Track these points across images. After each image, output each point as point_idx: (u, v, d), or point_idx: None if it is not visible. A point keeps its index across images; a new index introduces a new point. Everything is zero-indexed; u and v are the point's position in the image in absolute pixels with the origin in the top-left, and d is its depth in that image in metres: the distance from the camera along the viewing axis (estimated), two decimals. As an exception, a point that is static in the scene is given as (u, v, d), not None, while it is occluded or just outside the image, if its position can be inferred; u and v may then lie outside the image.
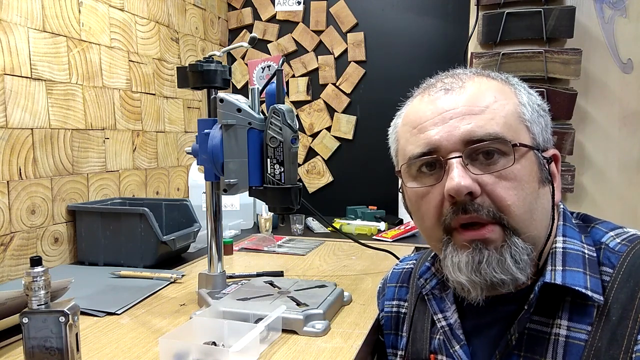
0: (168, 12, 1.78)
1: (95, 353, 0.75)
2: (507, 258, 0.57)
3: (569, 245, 0.61)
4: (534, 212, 0.59)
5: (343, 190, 2.12)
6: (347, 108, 2.08)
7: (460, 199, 0.57)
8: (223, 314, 0.83)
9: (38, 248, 1.24)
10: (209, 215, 1.00)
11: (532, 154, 0.60)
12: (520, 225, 0.58)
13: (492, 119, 0.59)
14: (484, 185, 0.57)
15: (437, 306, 0.71)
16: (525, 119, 0.61)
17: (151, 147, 1.69)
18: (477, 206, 0.57)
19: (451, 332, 0.68)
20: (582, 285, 0.57)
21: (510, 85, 0.64)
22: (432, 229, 0.63)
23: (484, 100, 0.60)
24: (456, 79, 0.63)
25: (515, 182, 0.57)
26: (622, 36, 1.48)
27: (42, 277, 0.61)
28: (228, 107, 0.86)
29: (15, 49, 1.18)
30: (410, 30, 1.98)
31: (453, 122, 0.59)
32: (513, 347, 0.61)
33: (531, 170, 0.59)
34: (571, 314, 0.58)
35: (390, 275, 0.86)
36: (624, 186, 1.51)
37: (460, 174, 0.57)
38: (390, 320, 0.82)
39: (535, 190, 0.59)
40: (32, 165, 1.22)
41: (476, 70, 0.66)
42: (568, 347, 0.57)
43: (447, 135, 0.59)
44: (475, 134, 0.58)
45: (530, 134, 0.60)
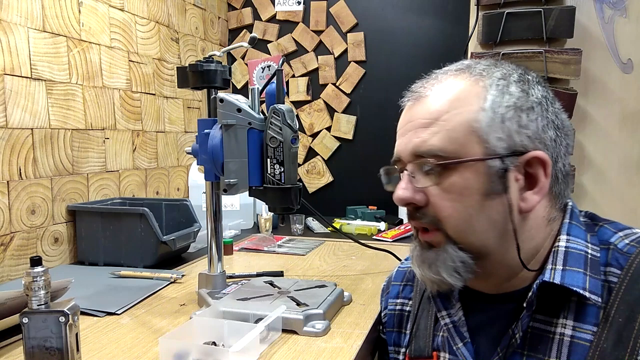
0: (168, 12, 1.78)
1: (95, 353, 0.75)
2: (438, 262, 0.62)
3: (572, 245, 0.61)
4: (473, 223, 0.60)
5: (343, 190, 2.12)
6: (347, 108, 2.08)
7: (406, 208, 0.64)
8: (223, 314, 0.83)
9: (38, 248, 1.24)
10: (209, 215, 1.00)
11: (480, 165, 0.59)
12: (456, 235, 0.61)
13: (437, 132, 0.60)
14: (429, 196, 0.62)
15: (441, 304, 0.71)
16: (479, 127, 0.59)
17: (151, 147, 1.69)
18: (420, 215, 0.63)
19: (455, 330, 0.68)
20: (580, 285, 0.57)
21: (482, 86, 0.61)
22: None
23: (437, 110, 0.61)
24: (427, 85, 0.65)
25: (452, 194, 0.60)
26: (622, 36, 1.48)
27: (42, 277, 0.61)
28: (228, 107, 0.86)
29: (15, 49, 1.18)
30: (410, 30, 1.98)
31: (409, 135, 0.63)
32: (517, 345, 0.61)
33: (474, 182, 0.59)
34: (577, 314, 0.58)
35: (395, 274, 0.87)
36: (624, 186, 1.51)
37: (403, 186, 0.63)
38: (393, 317, 0.82)
39: (476, 203, 0.59)
40: (32, 165, 1.22)
41: (456, 67, 0.65)
42: (573, 347, 0.57)
43: (403, 148, 0.64)
44: (419, 148, 0.62)
45: (482, 143, 0.59)
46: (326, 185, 2.14)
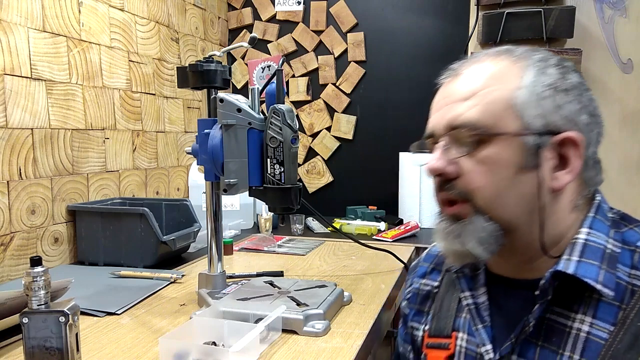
0: (168, 12, 1.78)
1: (95, 353, 0.75)
2: (466, 233, 0.62)
3: (591, 238, 0.61)
4: (503, 197, 0.61)
5: (343, 190, 2.12)
6: (347, 108, 2.08)
7: (435, 179, 0.64)
8: (223, 314, 0.83)
9: (38, 248, 1.24)
10: (209, 215, 1.00)
11: (516, 140, 0.60)
12: (487, 206, 0.61)
13: (475, 105, 0.62)
14: (461, 169, 0.62)
15: (465, 284, 0.72)
16: (517, 103, 0.61)
17: (151, 147, 1.69)
18: (449, 186, 0.63)
19: (477, 311, 0.69)
20: (593, 278, 0.57)
21: (521, 66, 0.63)
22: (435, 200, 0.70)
23: (473, 86, 0.63)
24: (468, 63, 0.67)
25: (487, 166, 0.61)
26: (622, 36, 1.48)
27: (42, 277, 0.61)
28: (228, 107, 0.86)
29: (15, 49, 1.18)
30: (410, 30, 1.98)
31: (445, 109, 0.64)
32: (531, 334, 0.62)
33: (509, 156, 0.60)
34: (595, 311, 0.59)
35: (425, 256, 0.87)
36: (624, 186, 1.51)
37: (437, 157, 0.63)
38: (417, 296, 0.82)
39: (509, 177, 0.61)
40: (32, 165, 1.22)
41: (495, 50, 0.68)
42: (588, 343, 0.58)
43: (439, 121, 0.65)
44: (455, 121, 0.62)
45: (519, 119, 0.60)
46: (326, 185, 2.14)
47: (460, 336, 0.70)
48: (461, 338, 0.70)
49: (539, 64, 0.64)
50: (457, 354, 0.70)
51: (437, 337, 0.74)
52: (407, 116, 1.97)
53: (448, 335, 0.72)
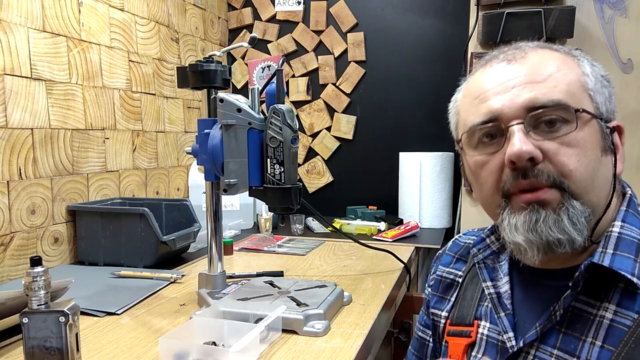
0: (168, 12, 1.78)
1: (95, 353, 0.75)
2: (563, 218, 0.58)
3: (625, 231, 0.61)
4: (595, 179, 0.59)
5: (343, 190, 2.12)
6: (347, 108, 2.08)
7: (522, 164, 0.58)
8: (223, 314, 0.83)
9: (38, 248, 1.24)
10: (209, 215, 1.00)
11: (595, 122, 0.60)
12: (581, 190, 0.58)
13: (555, 86, 0.59)
14: (545, 152, 0.58)
15: (487, 274, 0.71)
16: (589, 87, 0.61)
17: (151, 147, 1.69)
18: (537, 172, 0.58)
19: (499, 300, 0.69)
20: (629, 271, 0.57)
21: (573, 57, 0.64)
22: (491, 196, 0.64)
23: (547, 69, 0.61)
24: (519, 50, 0.65)
25: (578, 148, 0.58)
26: (622, 36, 1.48)
27: (42, 277, 0.61)
28: (228, 107, 0.86)
29: (15, 49, 1.18)
30: (410, 30, 1.98)
31: (515, 91, 0.60)
32: (555, 322, 0.61)
33: (594, 137, 0.60)
34: (621, 299, 0.58)
35: (451, 245, 0.86)
36: (624, 186, 1.50)
37: (522, 139, 0.58)
38: (439, 283, 0.82)
39: (597, 158, 0.60)
40: (32, 165, 1.22)
41: (538, 43, 0.67)
42: (611, 330, 0.58)
43: (509, 103, 0.60)
44: (538, 101, 0.59)
45: (593, 102, 0.61)
46: (326, 185, 2.14)
47: (483, 324, 0.70)
48: (483, 326, 0.70)
49: (584, 57, 0.64)
50: (479, 341, 0.69)
51: (458, 325, 0.73)
52: (407, 116, 1.97)
53: (470, 324, 0.72)
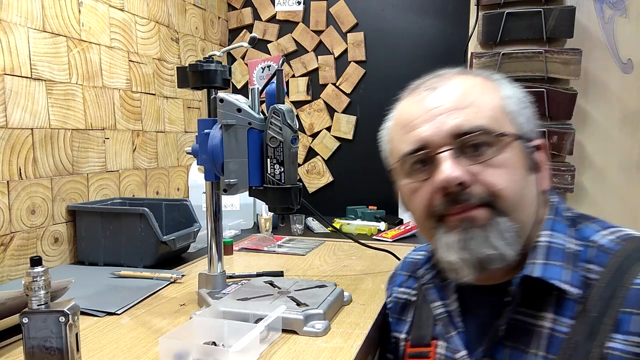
0: (168, 12, 1.78)
1: (95, 353, 0.75)
2: (492, 234, 0.60)
3: (553, 240, 0.63)
4: (523, 196, 0.62)
5: (343, 190, 2.12)
6: (347, 108, 2.08)
7: (452, 189, 0.60)
8: (223, 314, 0.83)
9: (38, 248, 1.24)
10: (209, 215, 1.00)
11: (518, 143, 0.63)
12: (510, 207, 0.60)
13: (477, 112, 0.62)
14: (474, 175, 0.60)
15: (436, 295, 0.73)
16: (510, 110, 0.64)
17: (151, 147, 1.69)
18: (467, 195, 0.60)
19: (449, 319, 0.70)
20: (559, 279, 0.59)
21: (493, 81, 0.67)
22: (423, 221, 0.66)
23: (470, 95, 0.63)
24: (440, 79, 0.67)
25: (504, 168, 0.61)
26: (622, 36, 1.48)
27: (42, 277, 0.61)
28: (228, 107, 0.86)
29: (15, 49, 1.18)
30: (410, 30, 1.98)
31: (441, 118, 0.62)
32: (501, 337, 0.63)
33: (518, 158, 0.62)
34: (557, 307, 0.60)
35: (402, 264, 0.89)
36: (624, 186, 1.51)
37: (451, 166, 0.60)
38: (396, 305, 0.84)
39: (523, 177, 0.62)
40: (32, 165, 1.22)
41: (459, 70, 0.69)
42: (551, 339, 0.59)
43: (436, 131, 0.62)
44: (462, 127, 0.61)
45: (515, 124, 0.63)
46: (326, 185, 2.14)
47: (440, 344, 0.72)
48: (440, 346, 0.72)
49: (505, 80, 0.68)
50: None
51: (417, 346, 0.75)
52: (407, 116, 1.97)
53: (428, 344, 0.73)
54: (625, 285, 0.56)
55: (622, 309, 0.55)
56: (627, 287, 0.56)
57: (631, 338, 0.54)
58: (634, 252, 0.58)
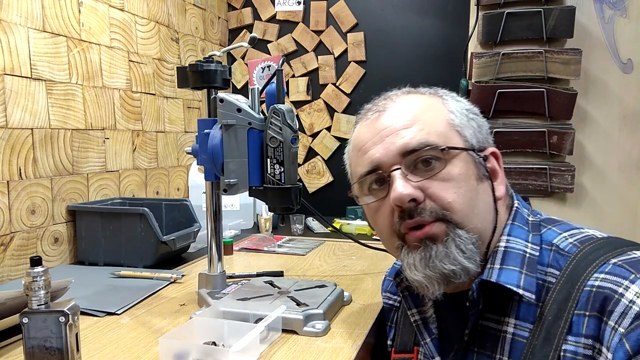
0: (168, 12, 1.78)
1: (95, 353, 0.75)
2: (453, 249, 0.61)
3: (511, 245, 0.64)
4: (475, 206, 0.63)
5: (343, 190, 2.10)
6: (347, 108, 2.08)
7: (406, 206, 0.62)
8: (223, 314, 0.83)
9: (38, 248, 1.24)
10: (209, 215, 1.00)
11: (466, 154, 0.64)
12: (463, 219, 0.62)
13: (422, 129, 0.64)
14: (425, 190, 0.62)
15: (411, 302, 0.75)
16: (455, 124, 0.66)
17: (151, 147, 1.69)
18: (421, 210, 0.62)
19: (424, 326, 0.72)
20: (514, 283, 0.60)
21: (438, 96, 0.70)
22: (388, 238, 0.68)
23: (415, 114, 0.66)
24: (388, 100, 0.70)
25: (453, 181, 0.62)
26: (622, 36, 1.48)
27: (42, 277, 0.61)
28: (228, 107, 0.86)
29: (15, 49, 1.18)
30: (410, 30, 1.98)
31: (389, 139, 0.65)
32: (469, 342, 0.64)
33: (467, 169, 0.64)
34: (518, 312, 0.61)
35: (390, 270, 0.91)
36: (624, 186, 1.51)
37: (402, 184, 0.62)
38: (387, 311, 0.88)
39: (474, 187, 0.64)
40: (32, 165, 1.22)
41: (406, 89, 0.72)
42: (513, 344, 0.61)
43: (385, 152, 0.65)
44: (409, 145, 0.63)
45: (461, 137, 0.65)
46: (326, 185, 2.14)
47: (421, 350, 0.74)
48: (421, 352, 0.74)
49: (449, 95, 0.70)
50: None
51: (402, 352, 0.78)
52: (407, 116, 1.97)
53: (411, 350, 0.76)
54: (578, 287, 0.57)
55: (575, 311, 0.56)
56: (579, 288, 0.56)
57: (582, 340, 0.54)
58: (589, 254, 0.59)
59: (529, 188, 1.52)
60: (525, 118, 1.53)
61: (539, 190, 1.52)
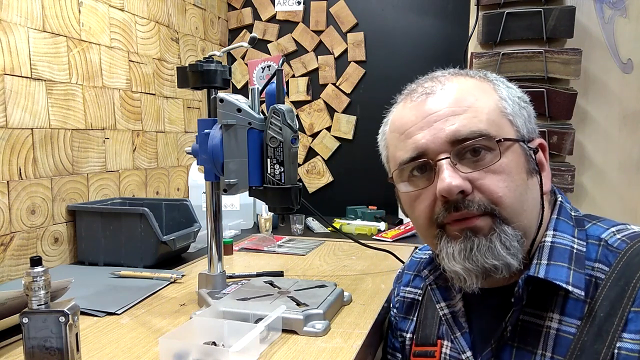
0: (168, 12, 1.78)
1: (95, 353, 0.75)
2: (496, 244, 0.59)
3: (557, 240, 0.62)
4: (524, 202, 0.61)
5: (343, 190, 2.12)
6: (347, 108, 2.08)
7: (453, 198, 0.59)
8: (223, 314, 0.83)
9: (38, 248, 1.24)
10: (209, 215, 1.00)
11: (518, 146, 0.62)
12: (511, 215, 0.60)
13: (474, 117, 0.61)
14: (474, 182, 0.59)
15: (440, 295, 0.73)
16: (508, 112, 0.63)
17: (151, 147, 1.69)
18: (468, 202, 0.59)
19: (454, 320, 0.70)
20: (563, 280, 0.59)
21: (489, 81, 0.66)
22: (426, 228, 0.65)
23: (466, 100, 0.62)
24: (436, 82, 0.66)
25: (504, 174, 0.60)
26: (622, 36, 1.47)
27: (42, 277, 0.61)
28: (228, 107, 0.86)
29: (15, 49, 1.18)
30: (410, 30, 1.98)
31: (438, 125, 0.61)
32: (508, 338, 0.62)
33: (518, 162, 0.61)
34: (563, 307, 0.60)
35: (409, 263, 0.89)
36: (624, 186, 1.51)
37: (451, 174, 0.59)
38: (403, 304, 0.85)
39: (524, 181, 0.61)
40: (32, 165, 1.22)
41: (454, 71, 0.68)
42: (558, 340, 0.59)
43: (433, 138, 0.61)
44: (460, 133, 0.60)
45: (513, 126, 0.62)
46: (326, 185, 2.14)
47: (445, 344, 0.72)
48: (446, 346, 0.72)
49: (501, 80, 0.66)
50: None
51: (423, 345, 0.75)
52: (407, 116, 1.97)
53: (434, 344, 0.73)
54: (634, 284, 0.55)
55: (632, 308, 0.55)
56: (636, 285, 0.55)
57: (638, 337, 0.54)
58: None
59: (529, 188, 1.52)
60: (525, 118, 1.53)
61: (539, 190, 1.52)
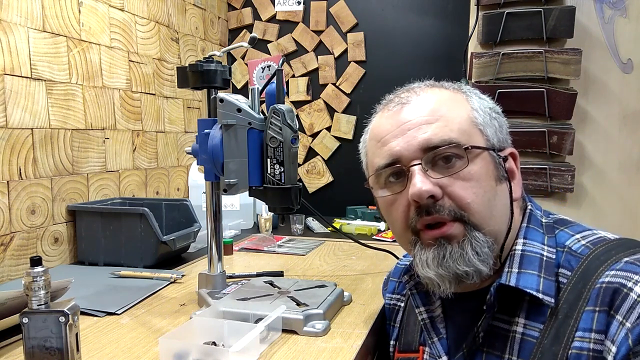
0: (168, 12, 1.78)
1: (95, 353, 0.75)
2: (468, 251, 0.61)
3: (528, 248, 0.64)
4: (492, 208, 0.63)
5: (343, 190, 2.12)
6: (347, 108, 2.08)
7: (423, 202, 0.62)
8: (223, 314, 0.83)
9: (38, 248, 1.24)
10: (209, 215, 1.00)
11: (487, 154, 0.64)
12: (480, 220, 0.62)
13: (446, 126, 0.63)
14: (444, 187, 0.62)
15: (419, 300, 0.74)
16: (478, 122, 0.65)
17: (151, 147, 1.69)
18: (439, 207, 0.62)
19: (432, 325, 0.72)
20: (534, 288, 0.60)
21: (462, 93, 0.69)
22: (402, 233, 0.68)
23: (439, 110, 0.65)
24: (412, 93, 0.69)
25: (473, 181, 0.62)
26: (622, 36, 1.47)
27: (42, 277, 0.61)
28: (228, 107, 0.86)
29: (15, 49, 1.18)
30: (410, 30, 1.98)
31: (411, 133, 0.64)
32: (480, 343, 0.64)
33: (487, 169, 0.63)
34: (528, 312, 0.62)
35: (394, 270, 0.91)
36: (624, 186, 1.51)
37: (422, 180, 0.62)
38: (390, 311, 0.87)
39: (492, 188, 0.63)
40: (32, 165, 1.22)
41: (430, 82, 0.71)
42: (523, 344, 0.61)
43: (407, 145, 0.64)
44: (431, 141, 0.63)
45: (484, 136, 0.65)
46: (326, 185, 2.14)
47: (426, 350, 0.73)
48: (427, 352, 0.73)
49: (474, 92, 0.70)
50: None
51: (406, 352, 0.77)
52: (407, 116, 1.97)
53: (416, 350, 0.75)
54: (590, 286, 0.57)
55: (586, 308, 0.56)
56: (591, 287, 0.57)
57: (591, 335, 0.54)
58: (601, 254, 0.59)
59: (529, 188, 1.52)
60: (525, 118, 1.53)
61: (539, 191, 1.52)
